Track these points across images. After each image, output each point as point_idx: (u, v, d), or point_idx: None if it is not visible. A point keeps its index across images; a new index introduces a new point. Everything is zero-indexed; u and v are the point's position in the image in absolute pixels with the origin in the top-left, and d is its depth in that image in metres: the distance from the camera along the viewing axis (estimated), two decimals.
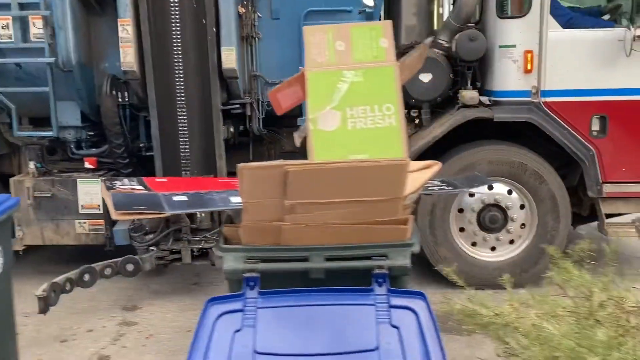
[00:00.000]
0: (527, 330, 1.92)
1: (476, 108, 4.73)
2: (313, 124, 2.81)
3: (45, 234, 4.94)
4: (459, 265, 4.21)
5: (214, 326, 2.23)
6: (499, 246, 4.84)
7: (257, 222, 2.46)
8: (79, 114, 4.91)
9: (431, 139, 4.71)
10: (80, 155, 5.13)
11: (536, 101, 4.61)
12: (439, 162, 3.07)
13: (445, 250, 4.78)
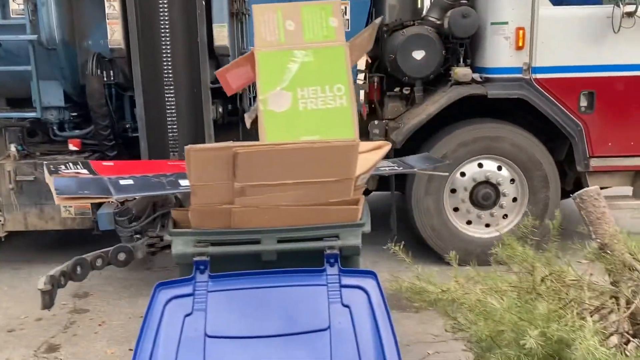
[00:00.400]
0: (472, 306, 1.97)
1: (469, 85, 4.76)
2: (263, 105, 2.78)
3: (28, 219, 4.75)
4: (455, 244, 4.25)
5: (163, 311, 2.20)
6: (494, 222, 4.91)
7: (206, 205, 2.42)
8: (61, 94, 4.72)
9: (426, 116, 4.74)
10: (64, 137, 4.93)
11: (527, 78, 4.68)
12: (389, 143, 3.07)
13: (442, 231, 4.84)
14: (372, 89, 5.10)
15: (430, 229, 4.88)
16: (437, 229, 4.85)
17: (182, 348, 2.11)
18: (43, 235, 5.00)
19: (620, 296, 2.02)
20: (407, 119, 4.87)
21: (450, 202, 4.89)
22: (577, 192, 2.29)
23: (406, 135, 4.75)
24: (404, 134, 4.76)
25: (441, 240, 4.79)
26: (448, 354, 3.50)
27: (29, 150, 4.96)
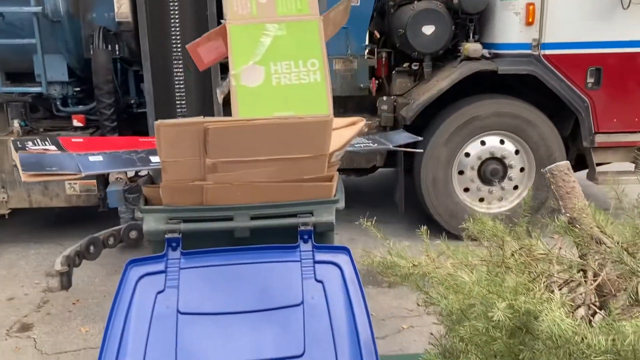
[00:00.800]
0: (443, 280, 1.99)
1: (479, 61, 4.76)
2: (236, 80, 2.73)
3: (32, 196, 4.66)
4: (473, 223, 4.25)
5: (135, 288, 2.19)
6: (506, 195, 4.96)
7: (177, 181, 2.39)
8: (65, 68, 4.60)
9: (437, 92, 4.72)
10: (67, 112, 4.82)
11: (536, 54, 4.70)
12: (363, 119, 3.06)
13: (455, 211, 4.85)
14: (380, 64, 5.06)
15: (443, 210, 4.91)
16: (450, 210, 4.89)
17: (154, 325, 2.10)
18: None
19: (587, 269, 2.06)
20: (417, 95, 4.84)
21: (460, 184, 4.93)
22: (548, 167, 2.31)
23: (417, 111, 4.74)
24: (415, 110, 4.74)
25: (456, 220, 4.70)
26: (422, 328, 3.57)
27: (32, 126, 4.84)
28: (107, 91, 4.55)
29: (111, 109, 4.59)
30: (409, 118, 4.75)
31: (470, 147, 4.87)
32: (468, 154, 4.87)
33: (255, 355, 2.06)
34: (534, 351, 1.77)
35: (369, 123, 4.95)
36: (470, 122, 4.78)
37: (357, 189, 6.11)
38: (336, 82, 4.89)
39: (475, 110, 4.80)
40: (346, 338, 2.13)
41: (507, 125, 4.81)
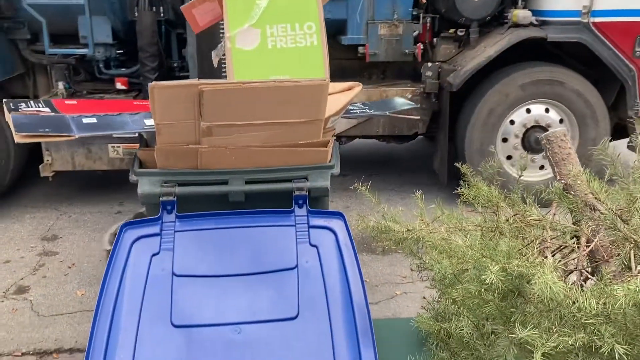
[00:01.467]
0: (436, 244, 2.00)
1: (528, 28, 4.69)
2: (232, 43, 2.70)
3: (76, 159, 4.65)
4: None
5: (130, 250, 2.20)
6: (547, 164, 4.96)
7: (172, 144, 2.38)
8: (110, 30, 4.52)
9: (485, 59, 4.66)
10: (110, 75, 4.77)
11: (585, 21, 4.63)
12: (360, 84, 3.03)
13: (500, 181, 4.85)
14: (425, 30, 4.96)
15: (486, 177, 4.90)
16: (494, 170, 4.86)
17: (149, 286, 2.11)
18: None
19: (581, 235, 2.07)
20: (463, 62, 4.77)
21: (503, 151, 4.90)
22: (544, 134, 2.31)
23: (464, 78, 4.66)
24: (462, 77, 4.67)
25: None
26: (415, 294, 3.61)
27: (75, 88, 4.81)
28: (152, 54, 4.50)
29: (155, 73, 4.55)
30: (456, 85, 4.67)
31: (515, 114, 4.83)
32: (513, 122, 4.84)
33: (250, 317, 2.08)
34: (525, 314, 1.79)
35: (413, 89, 4.92)
36: (516, 89, 4.72)
37: (353, 157, 6.11)
38: (380, 47, 4.83)
39: (521, 78, 4.74)
40: (340, 301, 2.15)
41: (553, 93, 4.77)
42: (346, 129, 4.94)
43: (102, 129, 2.54)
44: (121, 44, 4.73)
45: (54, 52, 4.57)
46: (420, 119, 4.94)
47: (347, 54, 5.13)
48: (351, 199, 5.12)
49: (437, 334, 2.24)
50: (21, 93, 4.94)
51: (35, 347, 3.19)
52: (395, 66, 5.23)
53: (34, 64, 4.87)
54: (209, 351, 1.98)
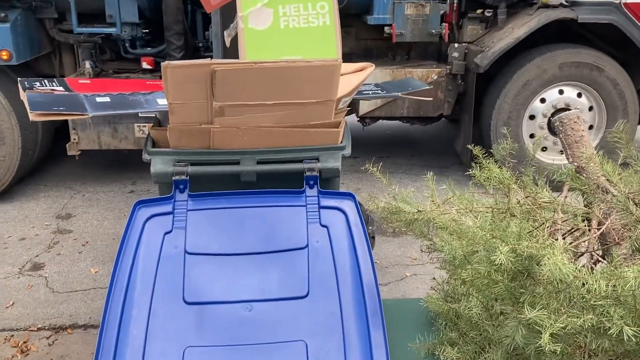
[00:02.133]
0: (447, 225, 2.01)
1: (558, 9, 4.64)
2: (244, 22, 2.69)
3: (102, 138, 4.68)
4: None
5: (143, 228, 2.22)
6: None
7: (184, 124, 2.39)
8: (136, 9, 4.53)
9: (514, 40, 4.60)
10: (136, 54, 4.78)
11: (617, 2, 4.58)
12: (372, 65, 3.01)
13: (516, 156, 4.78)
14: (452, 10, 4.90)
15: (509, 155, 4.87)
16: (515, 156, 4.84)
17: (162, 264, 2.14)
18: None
19: (592, 218, 2.06)
20: (491, 42, 4.71)
21: (528, 129, 4.87)
22: (557, 115, 2.29)
23: (492, 59, 4.60)
24: (490, 58, 4.61)
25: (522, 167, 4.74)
26: (425, 276, 3.62)
27: (101, 67, 4.83)
28: (177, 32, 4.49)
29: (181, 52, 4.55)
30: (484, 66, 4.62)
31: (547, 93, 4.78)
32: (544, 100, 4.80)
33: (261, 295, 2.11)
34: (534, 295, 1.80)
35: (438, 70, 4.88)
36: (555, 67, 4.67)
37: (364, 139, 6.10)
38: (406, 27, 4.78)
39: (562, 57, 4.68)
40: (349, 281, 2.17)
41: (590, 79, 4.72)
42: (371, 110, 4.92)
43: (116, 108, 2.55)
44: (147, 23, 4.74)
45: (82, 31, 4.58)
46: (445, 99, 4.91)
47: (372, 33, 5.10)
48: (362, 180, 5.13)
49: (446, 314, 2.26)
50: (47, 72, 4.99)
51: (50, 322, 3.26)
52: (420, 47, 5.18)
53: (60, 43, 4.89)
54: (220, 328, 2.01)
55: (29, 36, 4.57)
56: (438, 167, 5.46)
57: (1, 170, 4.60)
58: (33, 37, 4.64)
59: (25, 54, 4.53)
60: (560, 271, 1.63)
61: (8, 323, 3.24)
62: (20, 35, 4.46)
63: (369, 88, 3.44)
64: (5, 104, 4.51)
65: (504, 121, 4.79)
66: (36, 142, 4.85)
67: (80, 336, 3.16)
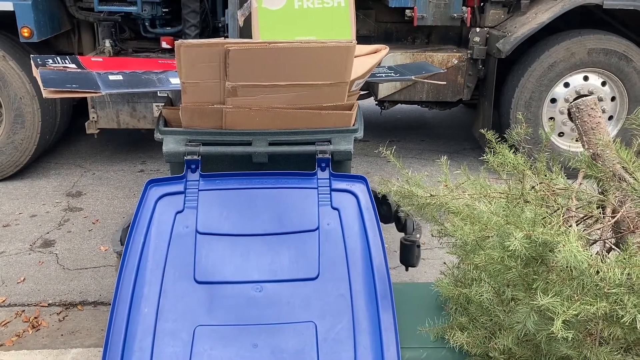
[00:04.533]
0: (459, 210, 1.99)
1: None
2: (258, 2, 2.66)
3: (120, 117, 4.72)
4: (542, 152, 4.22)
5: (154, 207, 2.22)
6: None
7: (197, 104, 2.38)
8: None
9: (537, 25, 4.55)
10: (156, 33, 4.79)
11: None
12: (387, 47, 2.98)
13: (532, 139, 4.73)
14: None
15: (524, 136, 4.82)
16: (533, 138, 4.79)
17: (173, 243, 2.14)
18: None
19: (607, 205, 2.04)
20: (514, 28, 4.65)
21: (548, 112, 4.82)
22: (574, 102, 2.25)
23: (514, 44, 4.54)
24: (512, 43, 4.55)
25: (529, 146, 4.58)
26: (433, 260, 3.62)
27: (120, 46, 4.84)
28: (193, 10, 4.48)
29: (196, 30, 4.54)
30: (506, 51, 4.56)
31: (572, 78, 4.74)
32: (567, 85, 4.76)
33: (271, 276, 2.11)
34: (547, 282, 1.79)
35: (459, 55, 4.83)
36: (583, 52, 4.62)
37: (374, 123, 6.06)
38: (428, 10, 4.73)
39: (591, 42, 4.62)
40: (360, 264, 2.17)
41: (617, 68, 4.66)
42: (390, 93, 4.89)
43: (129, 86, 2.54)
44: (167, 2, 4.73)
45: (102, 9, 4.58)
46: (465, 84, 4.87)
47: (392, 16, 5.05)
48: (371, 164, 5.11)
49: (456, 298, 2.25)
50: (66, 50, 4.99)
51: (60, 298, 3.29)
52: (440, 31, 5.12)
53: (79, 21, 4.89)
54: (230, 307, 2.02)
55: (49, 14, 4.57)
56: (449, 152, 5.43)
57: (17, 153, 4.64)
58: (53, 14, 4.64)
59: (45, 31, 4.53)
60: (575, 258, 1.62)
61: (19, 298, 3.28)
62: (41, 13, 4.46)
63: (382, 71, 3.41)
64: (30, 89, 4.54)
65: (525, 101, 4.74)
66: (54, 127, 4.88)
67: (90, 312, 3.19)
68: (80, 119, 5.02)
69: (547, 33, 4.69)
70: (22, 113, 4.55)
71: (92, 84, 2.40)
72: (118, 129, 4.83)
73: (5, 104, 4.55)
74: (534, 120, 4.76)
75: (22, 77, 4.50)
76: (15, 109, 4.55)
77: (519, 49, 4.65)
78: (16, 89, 4.51)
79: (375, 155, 4.93)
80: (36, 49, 4.59)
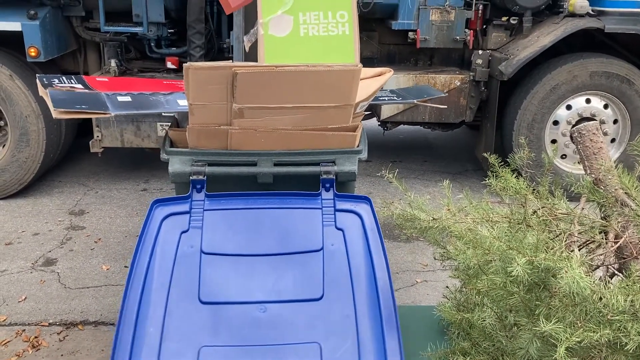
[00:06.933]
0: (462, 234, 2.00)
1: (584, 18, 4.63)
2: (264, 29, 2.71)
3: (125, 136, 4.75)
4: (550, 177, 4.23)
5: (160, 227, 2.23)
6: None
7: (203, 125, 2.40)
8: (162, 9, 4.60)
9: (539, 48, 4.60)
10: (161, 54, 4.86)
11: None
12: (391, 70, 3.02)
13: (535, 161, 4.68)
14: (477, 16, 4.91)
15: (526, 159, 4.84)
16: (531, 161, 4.80)
17: (178, 263, 2.15)
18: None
19: (609, 230, 2.05)
20: (516, 50, 4.71)
21: (550, 134, 4.86)
22: (576, 127, 2.28)
23: (517, 67, 4.60)
24: (515, 66, 4.60)
25: (532, 170, 4.69)
26: (435, 282, 3.62)
27: (126, 66, 4.91)
28: (198, 31, 4.55)
29: (201, 51, 4.60)
30: (508, 74, 4.62)
31: (574, 100, 4.78)
32: (570, 107, 4.79)
33: (275, 296, 2.11)
34: (550, 307, 1.79)
35: (462, 77, 4.88)
36: (585, 74, 4.66)
37: (377, 143, 6.10)
38: (431, 33, 4.81)
39: (594, 66, 4.67)
40: (364, 284, 2.17)
41: (619, 91, 4.70)
42: (392, 114, 4.93)
43: (138, 108, 2.57)
44: (173, 23, 4.80)
45: (109, 29, 4.65)
46: (467, 106, 4.92)
47: (396, 38, 5.12)
48: (374, 185, 5.13)
49: (458, 323, 2.25)
50: (72, 69, 5.06)
51: (61, 318, 3.28)
52: (442, 52, 5.19)
53: (85, 41, 4.96)
54: (235, 328, 2.02)
55: (56, 34, 4.63)
56: (451, 173, 5.46)
57: (22, 172, 4.67)
58: (60, 34, 4.71)
59: (52, 51, 4.59)
60: (578, 284, 1.63)
61: (20, 317, 3.27)
62: (49, 33, 4.53)
63: (384, 94, 3.44)
64: (35, 107, 4.58)
65: (528, 123, 4.78)
66: (58, 146, 4.92)
67: (91, 332, 3.18)
68: (84, 137, 5.05)
69: (549, 56, 4.75)
70: (27, 131, 4.60)
71: (101, 105, 2.43)
72: (122, 147, 4.86)
73: (11, 122, 4.60)
74: (536, 143, 4.78)
75: (29, 96, 4.55)
76: (20, 127, 4.59)
77: (521, 71, 4.70)
78: (22, 108, 4.56)
79: (378, 176, 4.95)
80: (42, 68, 4.65)
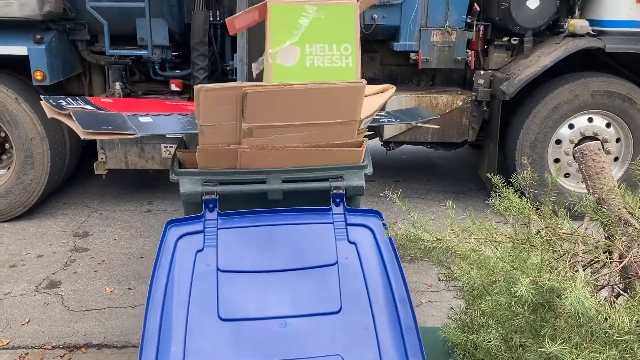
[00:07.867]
0: (466, 255, 2.02)
1: (585, 38, 4.68)
2: (273, 58, 2.79)
3: (129, 158, 4.78)
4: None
5: (175, 247, 2.26)
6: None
7: (213, 145, 2.45)
8: (166, 32, 4.68)
9: (540, 68, 4.64)
10: (165, 76, 4.92)
11: None
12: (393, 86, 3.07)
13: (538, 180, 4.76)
14: (477, 37, 4.97)
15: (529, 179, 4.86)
16: (538, 180, 4.82)
17: (195, 281, 2.18)
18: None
19: (613, 250, 2.08)
20: (517, 70, 4.77)
21: (553, 153, 4.88)
22: (578, 147, 2.32)
23: (518, 87, 4.64)
24: (516, 86, 4.64)
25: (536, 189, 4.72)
26: (440, 303, 3.62)
27: (130, 89, 4.96)
28: (202, 53, 4.62)
29: (204, 73, 4.66)
30: (510, 94, 4.65)
31: (576, 120, 4.79)
32: (572, 126, 4.82)
33: (294, 311, 2.14)
34: (555, 328, 1.79)
35: (464, 97, 4.93)
36: (587, 94, 4.70)
37: (380, 163, 6.15)
38: (433, 53, 4.87)
39: (595, 85, 4.70)
40: (381, 297, 2.19)
41: (621, 110, 4.73)
42: (395, 134, 4.97)
43: (161, 129, 2.61)
44: (177, 46, 4.87)
45: (113, 53, 4.72)
46: (470, 126, 4.97)
47: (397, 59, 5.19)
48: (377, 205, 5.15)
49: (464, 344, 2.25)
50: (76, 92, 5.11)
51: (65, 341, 3.26)
52: (444, 73, 5.25)
53: (90, 64, 5.03)
54: (257, 344, 2.04)
55: (62, 57, 4.70)
56: (454, 192, 5.49)
57: (26, 194, 4.69)
58: (66, 58, 4.78)
59: (58, 74, 4.66)
60: (582, 305, 1.63)
61: (23, 341, 3.25)
62: (54, 57, 4.60)
63: (382, 116, 3.52)
64: (40, 130, 4.62)
65: (530, 142, 4.81)
66: (63, 168, 4.95)
67: (94, 355, 3.15)
68: (88, 159, 5.08)
69: (551, 75, 4.81)
70: (32, 154, 4.63)
71: (126, 126, 2.48)
72: (126, 169, 4.89)
73: (16, 144, 4.63)
74: (539, 162, 4.82)
75: (34, 118, 4.60)
76: (25, 149, 4.62)
77: (523, 91, 4.75)
78: (27, 130, 4.60)
79: (382, 196, 4.98)
80: (47, 91, 4.68)
